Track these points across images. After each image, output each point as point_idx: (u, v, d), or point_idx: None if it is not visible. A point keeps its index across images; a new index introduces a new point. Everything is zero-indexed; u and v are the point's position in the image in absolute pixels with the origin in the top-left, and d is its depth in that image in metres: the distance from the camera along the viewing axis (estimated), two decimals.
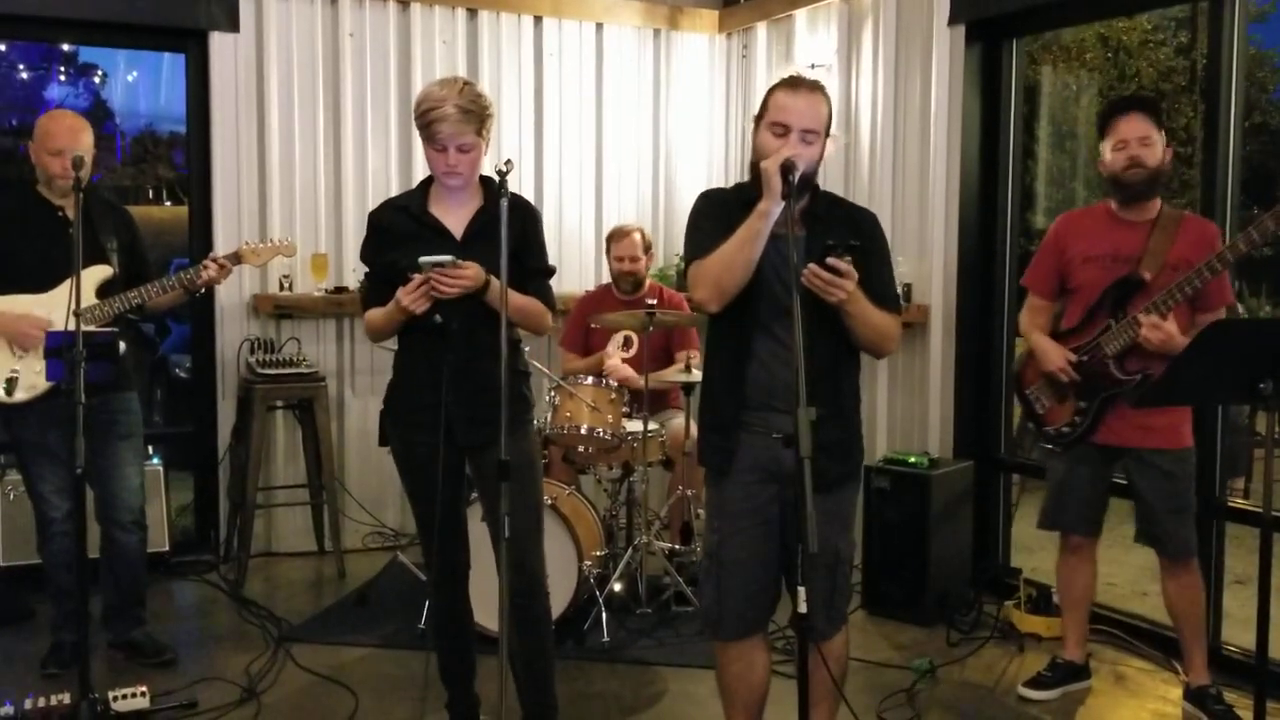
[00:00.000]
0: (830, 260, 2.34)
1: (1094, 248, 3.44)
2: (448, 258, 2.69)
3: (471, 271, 2.73)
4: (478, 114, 2.77)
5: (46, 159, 3.54)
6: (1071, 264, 3.48)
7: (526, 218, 2.92)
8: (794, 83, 2.52)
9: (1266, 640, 2.56)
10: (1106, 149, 3.40)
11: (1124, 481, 3.52)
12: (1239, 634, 3.78)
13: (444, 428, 2.85)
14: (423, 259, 2.69)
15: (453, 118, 2.73)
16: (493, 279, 2.74)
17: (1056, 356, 3.44)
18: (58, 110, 3.71)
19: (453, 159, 2.77)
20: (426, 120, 2.75)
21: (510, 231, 2.66)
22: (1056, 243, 3.55)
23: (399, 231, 2.88)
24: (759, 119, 2.55)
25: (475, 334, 2.80)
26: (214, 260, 3.69)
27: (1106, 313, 3.37)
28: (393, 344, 3.04)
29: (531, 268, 2.94)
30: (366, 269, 3.02)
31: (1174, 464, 3.38)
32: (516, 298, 2.82)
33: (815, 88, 2.52)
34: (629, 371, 4.52)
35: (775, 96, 2.52)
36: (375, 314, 2.92)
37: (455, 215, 2.90)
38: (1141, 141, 3.33)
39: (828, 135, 2.54)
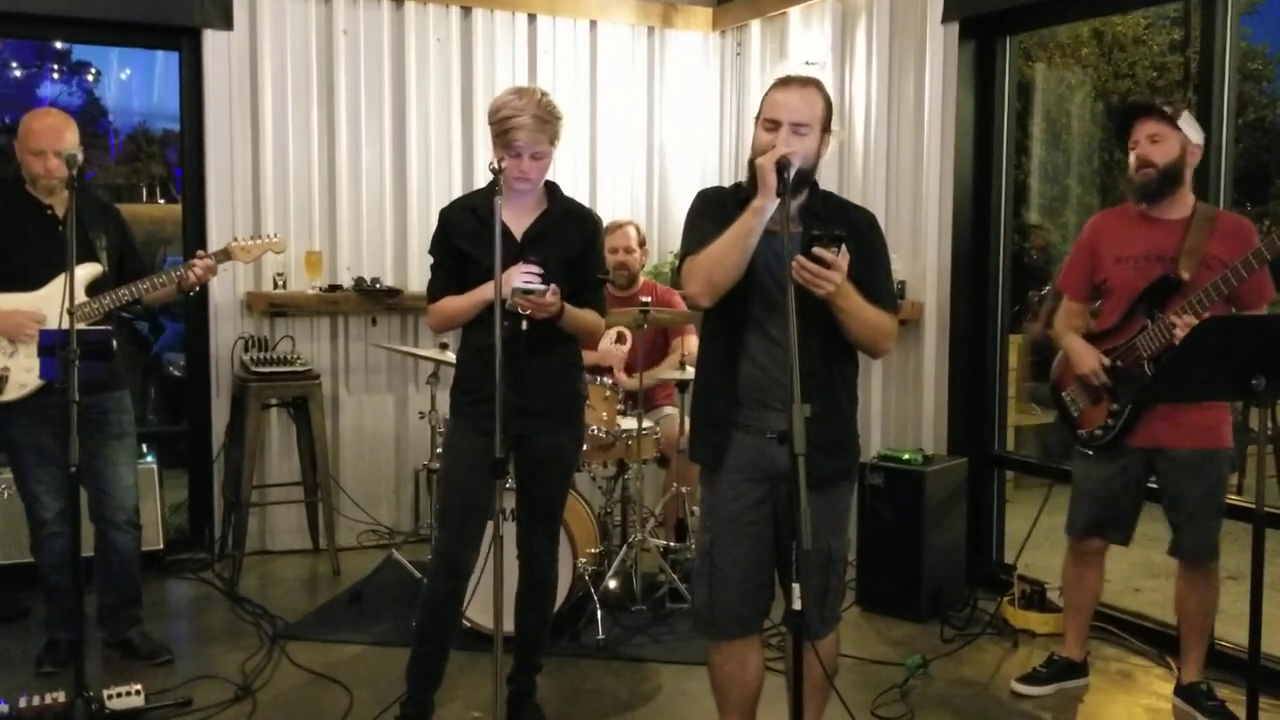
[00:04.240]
0: (815, 250, 2.34)
1: (1127, 248, 3.38)
2: (540, 286, 2.83)
3: (554, 299, 2.87)
4: (552, 123, 2.94)
5: (29, 158, 3.53)
6: (1104, 264, 3.44)
7: (590, 227, 3.14)
8: (786, 79, 2.54)
9: (1259, 636, 2.57)
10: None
11: (1154, 486, 3.45)
12: (1232, 630, 3.79)
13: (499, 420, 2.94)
14: (517, 284, 2.81)
15: (530, 127, 2.89)
16: (566, 306, 2.94)
17: (1090, 359, 3.39)
18: (41, 109, 3.69)
19: (526, 165, 2.93)
20: (505, 128, 2.91)
21: (575, 241, 3.03)
22: (1090, 244, 3.50)
23: (465, 229, 3.03)
24: (758, 120, 2.56)
25: (532, 333, 2.94)
26: (201, 256, 3.69)
27: (1144, 313, 3.31)
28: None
29: (592, 278, 3.11)
30: (433, 261, 3.14)
31: (1208, 464, 3.32)
32: (578, 313, 3.01)
33: (808, 83, 2.53)
34: (622, 354, 4.57)
35: (769, 94, 2.55)
36: (452, 302, 3.05)
37: (518, 218, 3.04)
38: (1150, 139, 3.30)
39: (826, 131, 2.54)
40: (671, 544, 4.58)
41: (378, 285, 5.14)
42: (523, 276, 2.84)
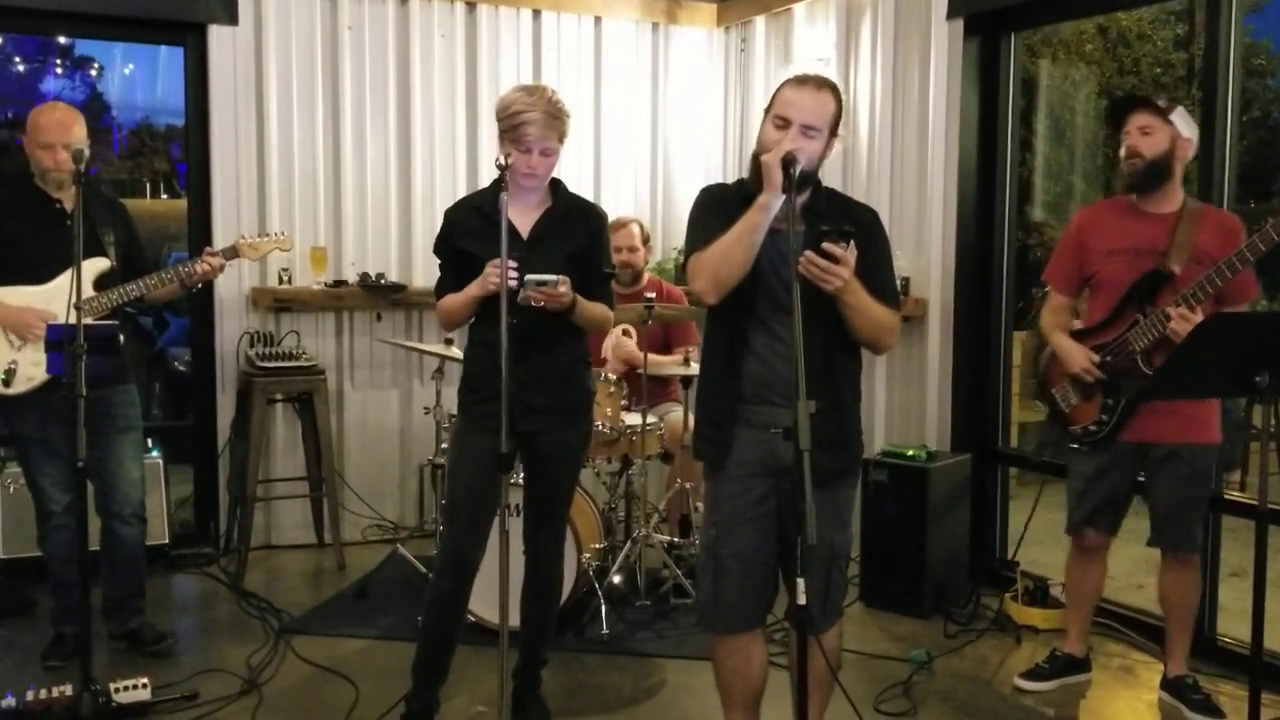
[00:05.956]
0: (825, 245, 2.35)
1: (1117, 241, 3.38)
2: (552, 277, 2.84)
3: (566, 290, 2.88)
4: (561, 120, 2.96)
5: (38, 153, 3.55)
6: (1093, 258, 3.43)
7: (596, 222, 3.14)
8: (802, 79, 2.53)
9: (1261, 632, 2.58)
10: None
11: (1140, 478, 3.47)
12: (1234, 626, 3.80)
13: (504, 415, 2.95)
14: (529, 276, 2.82)
15: (541, 123, 2.91)
16: (578, 298, 2.94)
17: (1080, 357, 3.39)
18: (49, 103, 3.71)
19: (534, 161, 2.94)
20: (515, 123, 2.92)
21: (578, 235, 3.04)
22: (1078, 237, 3.50)
23: (470, 228, 3.04)
24: (767, 113, 2.57)
25: (539, 329, 2.94)
26: (209, 254, 3.70)
27: (1134, 308, 3.31)
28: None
29: (599, 273, 3.11)
30: (439, 261, 3.16)
31: (1199, 457, 3.33)
32: (588, 306, 3.01)
33: (823, 84, 2.52)
34: (631, 348, 4.56)
35: (782, 91, 2.54)
36: (451, 300, 3.07)
37: (523, 215, 3.04)
38: (1141, 131, 3.32)
39: (835, 134, 2.54)
40: (675, 539, 4.59)
41: (382, 281, 5.15)
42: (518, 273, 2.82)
